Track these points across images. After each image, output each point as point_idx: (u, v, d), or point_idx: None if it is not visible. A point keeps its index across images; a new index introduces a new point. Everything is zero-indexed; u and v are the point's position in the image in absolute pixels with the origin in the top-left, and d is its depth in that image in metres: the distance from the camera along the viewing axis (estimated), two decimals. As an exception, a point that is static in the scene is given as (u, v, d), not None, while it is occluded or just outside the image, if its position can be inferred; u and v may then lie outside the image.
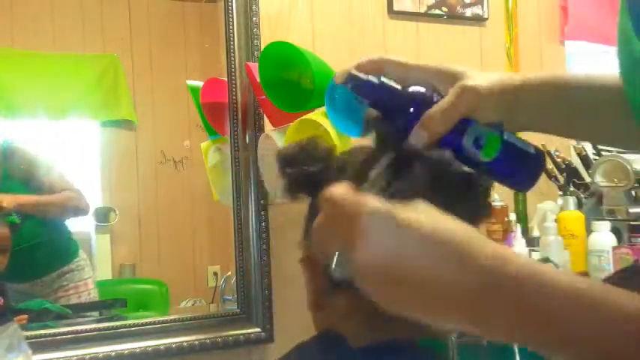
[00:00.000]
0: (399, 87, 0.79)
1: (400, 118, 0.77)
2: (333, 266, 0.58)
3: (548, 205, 2.15)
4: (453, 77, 0.78)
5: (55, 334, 1.65)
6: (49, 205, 1.98)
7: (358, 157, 0.83)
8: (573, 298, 0.51)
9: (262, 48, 1.77)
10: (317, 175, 0.79)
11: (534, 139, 0.91)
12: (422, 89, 0.78)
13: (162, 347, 1.71)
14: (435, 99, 0.77)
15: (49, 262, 1.97)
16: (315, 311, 0.88)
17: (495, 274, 0.53)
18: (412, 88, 0.79)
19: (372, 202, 0.57)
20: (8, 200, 1.88)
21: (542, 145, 2.24)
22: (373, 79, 0.79)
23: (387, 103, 0.78)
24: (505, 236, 2.07)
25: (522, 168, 0.82)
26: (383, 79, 0.79)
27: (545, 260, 1.80)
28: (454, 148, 0.77)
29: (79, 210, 2.02)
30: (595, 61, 2.73)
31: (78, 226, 2.04)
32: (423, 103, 0.76)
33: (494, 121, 0.78)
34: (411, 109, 0.76)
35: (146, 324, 1.74)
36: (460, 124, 0.76)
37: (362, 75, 0.80)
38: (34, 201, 1.95)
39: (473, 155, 0.77)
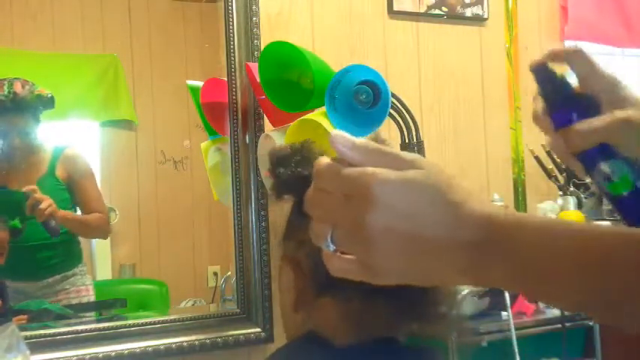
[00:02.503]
0: (573, 90, 0.84)
1: (560, 117, 0.83)
2: (329, 241, 0.58)
3: (548, 205, 2.15)
4: (622, 101, 0.81)
5: (55, 334, 1.65)
6: (82, 223, 2.01)
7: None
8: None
9: (262, 48, 1.77)
10: (308, 178, 0.79)
11: (533, 136, 0.92)
12: (591, 101, 0.82)
13: (162, 347, 1.71)
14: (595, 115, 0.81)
15: (56, 264, 1.97)
16: (298, 312, 0.88)
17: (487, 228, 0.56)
18: (583, 97, 0.83)
19: (380, 170, 0.58)
20: (47, 204, 1.89)
21: (542, 145, 2.24)
22: (555, 74, 0.85)
23: (555, 100, 0.84)
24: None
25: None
26: (564, 77, 0.85)
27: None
28: (587, 166, 0.81)
29: (103, 234, 2.05)
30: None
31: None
32: (585, 114, 0.81)
33: None
34: (574, 115, 0.81)
35: (146, 324, 1.74)
36: (603, 150, 0.80)
37: (549, 66, 0.85)
38: (70, 217, 1.97)
39: (600, 182, 0.81)
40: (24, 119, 1.94)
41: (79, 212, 1.99)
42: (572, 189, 2.17)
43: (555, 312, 1.81)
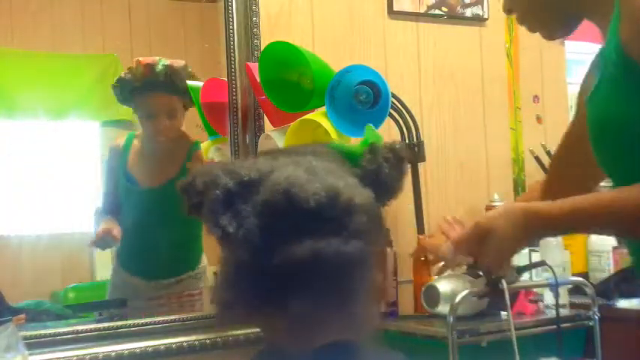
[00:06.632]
0: None
1: None
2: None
3: (549, 205, 2.14)
4: None
5: (54, 334, 1.65)
6: None
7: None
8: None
9: (262, 48, 1.77)
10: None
11: (533, 136, 0.91)
12: None
13: (162, 347, 1.71)
14: None
15: (174, 266, 1.98)
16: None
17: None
18: None
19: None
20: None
21: (542, 144, 2.24)
22: None
23: None
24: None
25: None
26: None
27: (542, 264, 1.80)
28: None
29: None
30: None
31: (78, 225, 2.03)
32: None
33: None
34: None
35: (146, 324, 1.74)
36: None
37: None
38: None
39: None
40: (174, 100, 1.93)
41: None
42: (572, 189, 2.17)
43: (554, 312, 1.81)
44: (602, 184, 1.30)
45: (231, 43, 1.85)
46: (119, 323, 1.74)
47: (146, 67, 1.87)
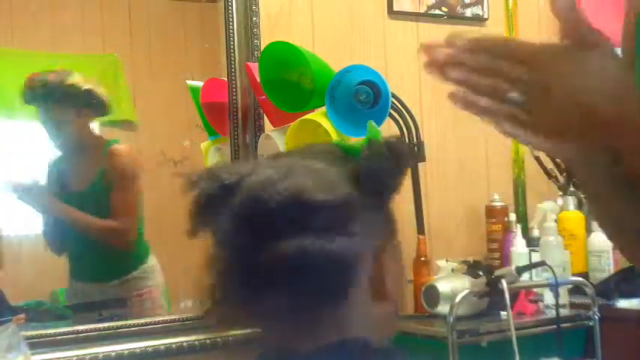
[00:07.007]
0: None
1: None
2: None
3: (548, 205, 2.15)
4: None
5: (55, 334, 1.65)
6: (84, 225, 1.95)
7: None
8: None
9: (262, 48, 1.77)
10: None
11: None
12: None
13: (162, 347, 1.71)
14: None
15: (112, 268, 1.97)
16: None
17: None
18: None
19: None
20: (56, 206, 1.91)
21: (543, 145, 2.24)
22: None
23: None
24: (505, 236, 2.07)
25: None
26: None
27: (542, 264, 1.81)
28: None
29: (117, 243, 1.99)
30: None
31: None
32: None
33: None
34: None
35: (146, 324, 1.74)
36: None
37: None
38: (71, 215, 1.94)
39: None
40: (58, 110, 1.93)
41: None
42: (572, 189, 2.17)
43: (554, 312, 1.81)
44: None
45: (231, 43, 1.85)
46: (119, 323, 1.75)
47: (29, 81, 1.89)
